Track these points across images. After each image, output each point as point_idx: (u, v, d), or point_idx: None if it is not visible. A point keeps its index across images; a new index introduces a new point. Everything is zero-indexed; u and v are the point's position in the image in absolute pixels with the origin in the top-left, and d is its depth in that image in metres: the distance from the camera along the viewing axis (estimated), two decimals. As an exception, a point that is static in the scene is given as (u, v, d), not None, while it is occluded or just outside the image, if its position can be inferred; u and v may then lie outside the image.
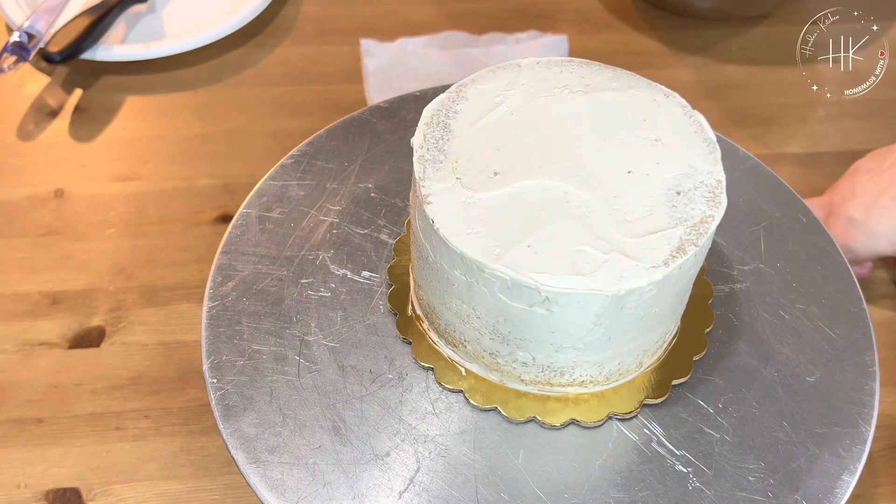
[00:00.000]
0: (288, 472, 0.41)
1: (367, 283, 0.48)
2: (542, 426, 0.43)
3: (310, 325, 0.46)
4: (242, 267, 0.48)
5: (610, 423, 0.43)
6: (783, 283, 0.49)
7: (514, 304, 0.38)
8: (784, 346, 0.46)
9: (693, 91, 0.77)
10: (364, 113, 0.56)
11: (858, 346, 0.47)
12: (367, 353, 0.45)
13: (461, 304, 0.41)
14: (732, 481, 0.42)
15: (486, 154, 0.41)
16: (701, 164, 0.41)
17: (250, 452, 0.42)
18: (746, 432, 0.43)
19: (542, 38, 0.78)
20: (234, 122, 0.73)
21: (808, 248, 0.50)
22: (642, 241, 0.38)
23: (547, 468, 0.42)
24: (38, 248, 0.64)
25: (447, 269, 0.40)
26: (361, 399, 0.44)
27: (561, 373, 0.42)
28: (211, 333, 0.46)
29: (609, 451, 0.43)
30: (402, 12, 0.83)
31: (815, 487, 0.42)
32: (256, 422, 0.43)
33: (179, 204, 0.67)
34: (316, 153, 0.54)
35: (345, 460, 0.42)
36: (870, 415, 0.44)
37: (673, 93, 0.45)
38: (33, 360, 0.58)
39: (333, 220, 0.50)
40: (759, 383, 0.45)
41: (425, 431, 0.43)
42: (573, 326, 0.39)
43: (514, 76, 0.45)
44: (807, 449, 0.43)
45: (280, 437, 0.42)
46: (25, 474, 0.53)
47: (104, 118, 0.73)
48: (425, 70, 0.75)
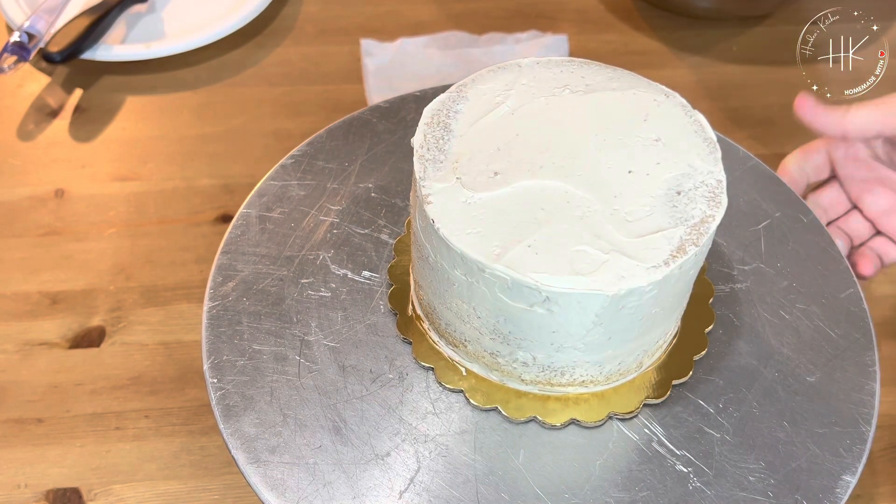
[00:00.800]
0: (288, 472, 0.41)
1: (367, 283, 0.48)
2: (542, 426, 0.43)
3: (310, 324, 0.46)
4: (243, 267, 0.48)
5: (610, 422, 0.44)
6: (783, 283, 0.49)
7: (514, 304, 0.39)
8: (784, 345, 0.46)
9: (693, 91, 0.77)
10: (364, 113, 0.56)
11: (858, 346, 0.47)
12: (367, 353, 0.45)
13: (461, 303, 0.41)
14: (733, 481, 0.42)
15: (486, 154, 0.41)
16: (701, 164, 0.41)
17: (251, 452, 0.42)
18: (747, 432, 0.43)
19: (543, 38, 0.78)
20: (234, 122, 0.73)
21: (809, 248, 0.50)
22: (643, 241, 0.38)
23: (547, 468, 0.42)
24: (38, 248, 0.64)
25: (447, 269, 0.40)
26: (362, 399, 0.44)
27: (561, 373, 0.42)
28: (211, 333, 0.46)
29: (609, 451, 0.43)
30: (402, 12, 0.83)
31: (816, 487, 0.42)
32: (257, 422, 0.43)
33: (179, 204, 0.67)
34: (316, 153, 0.54)
35: (345, 460, 0.42)
36: (870, 414, 0.44)
37: (673, 93, 0.45)
38: (33, 360, 0.58)
39: (334, 220, 0.50)
40: (760, 383, 0.45)
41: (426, 431, 0.43)
42: (574, 326, 0.39)
43: (514, 76, 0.45)
44: (807, 449, 0.43)
45: (280, 437, 0.42)
46: (25, 474, 0.53)
47: (104, 118, 0.73)
48: (425, 70, 0.75)
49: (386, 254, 0.49)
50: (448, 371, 0.45)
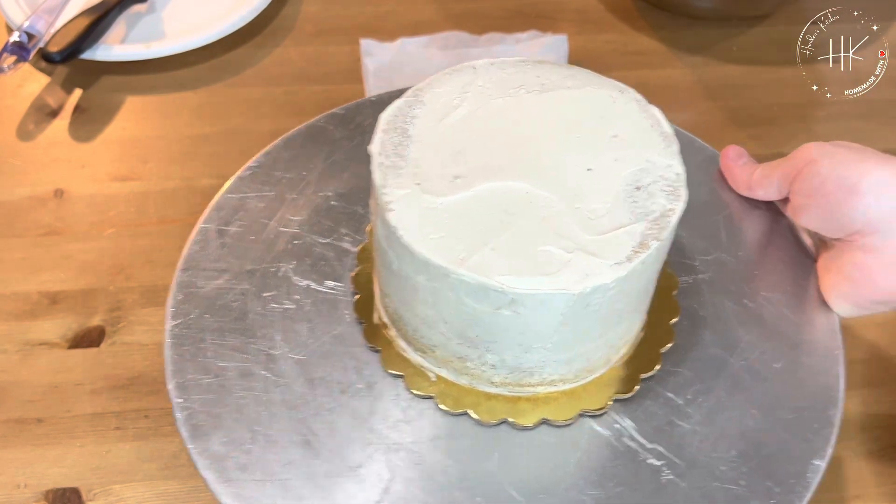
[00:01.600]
0: (260, 489, 0.40)
1: (331, 293, 0.47)
2: (514, 427, 0.43)
3: (275, 338, 0.45)
4: (204, 283, 0.47)
5: (581, 420, 0.43)
6: (745, 272, 0.49)
7: (480, 308, 0.38)
8: (749, 333, 0.46)
9: (693, 91, 0.77)
10: (320, 120, 0.55)
11: (823, 330, 0.47)
12: (334, 364, 0.45)
13: (427, 309, 0.41)
14: (705, 471, 0.42)
15: (445, 158, 0.41)
16: (659, 158, 0.41)
17: (220, 472, 0.41)
18: (717, 422, 0.43)
19: (542, 38, 0.78)
20: (234, 122, 0.73)
21: (769, 235, 0.50)
22: (605, 238, 0.38)
23: (521, 469, 0.42)
24: (38, 248, 0.64)
25: (412, 275, 0.39)
26: (331, 411, 0.43)
27: (530, 373, 0.42)
28: (175, 353, 0.45)
29: (582, 449, 0.43)
30: (402, 12, 0.83)
31: (787, 473, 0.42)
32: (225, 440, 0.42)
33: (179, 204, 0.67)
34: (273, 163, 0.53)
35: (317, 474, 0.41)
36: (836, 397, 0.44)
37: (628, 88, 0.45)
38: (33, 360, 0.58)
39: (294, 230, 0.50)
40: (727, 372, 0.45)
41: (397, 440, 0.42)
42: (541, 326, 0.39)
43: (469, 78, 0.45)
44: (777, 435, 0.43)
45: (250, 455, 0.41)
46: (25, 474, 0.53)
47: (104, 118, 0.73)
48: (425, 70, 0.75)
49: (349, 262, 0.49)
50: (417, 377, 0.44)
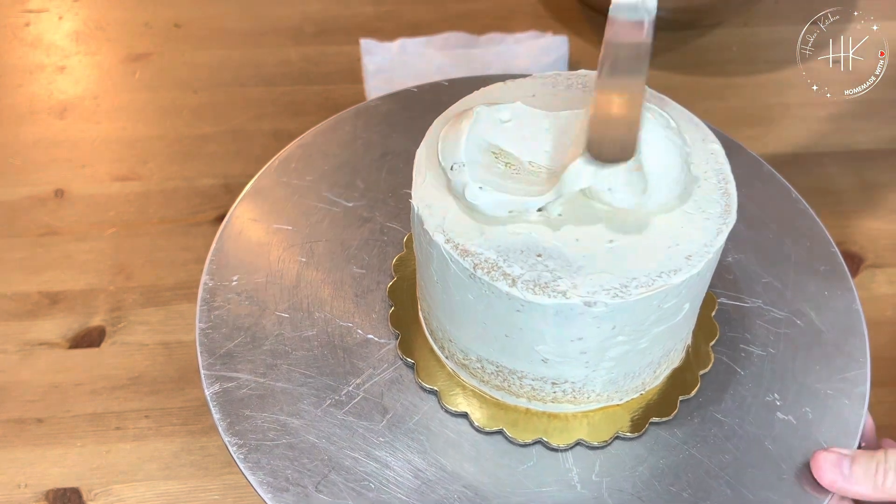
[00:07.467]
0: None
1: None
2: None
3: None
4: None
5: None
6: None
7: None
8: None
9: (693, 91, 0.77)
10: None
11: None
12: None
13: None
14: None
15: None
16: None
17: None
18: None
19: (542, 38, 0.78)
20: (234, 122, 0.73)
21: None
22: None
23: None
24: (38, 248, 0.64)
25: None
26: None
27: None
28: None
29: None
30: (402, 12, 0.83)
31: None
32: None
33: (179, 204, 0.67)
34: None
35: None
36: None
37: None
38: (33, 360, 0.58)
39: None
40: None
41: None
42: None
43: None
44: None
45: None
46: (25, 474, 0.53)
47: (104, 118, 0.73)
48: (425, 70, 0.75)
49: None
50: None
